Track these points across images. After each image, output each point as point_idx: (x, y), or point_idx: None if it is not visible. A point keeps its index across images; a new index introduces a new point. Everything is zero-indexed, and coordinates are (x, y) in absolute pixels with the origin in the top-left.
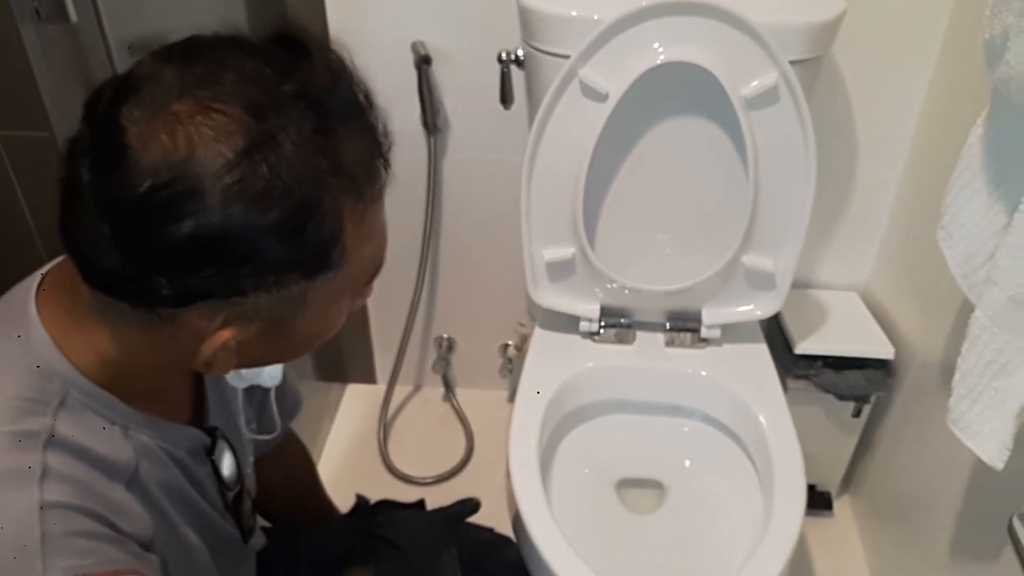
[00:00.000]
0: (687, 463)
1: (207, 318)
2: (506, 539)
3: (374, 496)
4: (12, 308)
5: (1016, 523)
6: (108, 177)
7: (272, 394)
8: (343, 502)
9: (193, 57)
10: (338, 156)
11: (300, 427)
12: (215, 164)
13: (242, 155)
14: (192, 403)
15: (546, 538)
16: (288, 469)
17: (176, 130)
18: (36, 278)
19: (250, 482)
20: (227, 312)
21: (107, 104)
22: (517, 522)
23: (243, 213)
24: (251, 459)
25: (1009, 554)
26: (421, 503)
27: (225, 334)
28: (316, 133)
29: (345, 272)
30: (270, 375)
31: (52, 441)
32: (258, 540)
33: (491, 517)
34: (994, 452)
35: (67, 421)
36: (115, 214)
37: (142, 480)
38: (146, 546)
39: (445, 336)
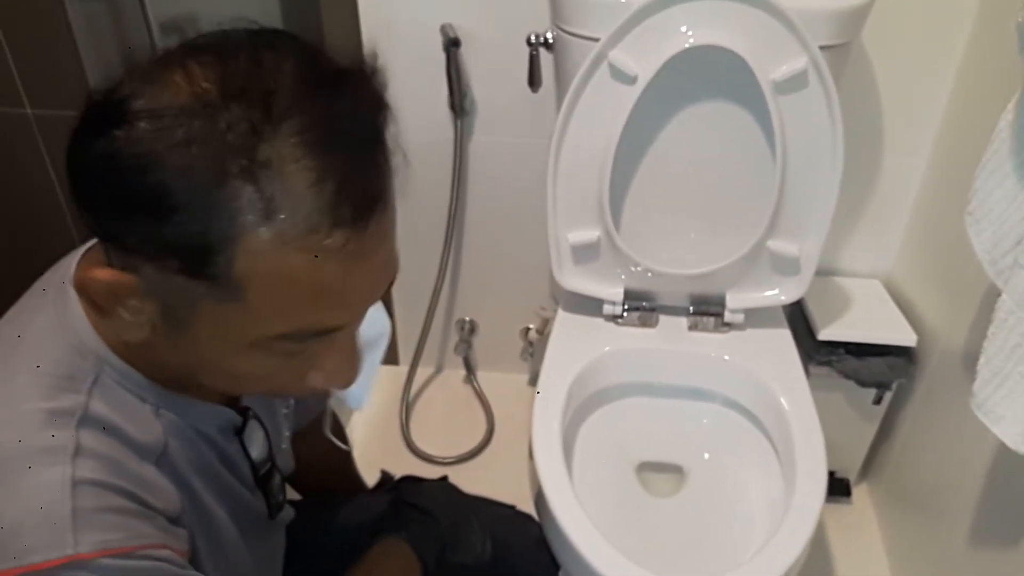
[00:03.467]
0: (708, 447)
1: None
2: (528, 516)
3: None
4: (52, 283)
5: None
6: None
7: None
8: (366, 481)
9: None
10: (272, 175)
11: None
12: (145, 105)
13: (172, 111)
14: None
15: (569, 515)
16: (323, 444)
17: (153, 72)
18: (77, 254)
19: (284, 459)
20: (128, 262)
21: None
22: (540, 500)
23: (136, 161)
24: (286, 434)
25: None
26: (444, 479)
27: (106, 273)
28: (262, 138)
29: (242, 301)
30: (355, 397)
31: (85, 419)
32: (287, 514)
33: (512, 496)
34: (1018, 437)
35: (100, 400)
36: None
37: (171, 458)
38: (175, 521)
39: (467, 319)
